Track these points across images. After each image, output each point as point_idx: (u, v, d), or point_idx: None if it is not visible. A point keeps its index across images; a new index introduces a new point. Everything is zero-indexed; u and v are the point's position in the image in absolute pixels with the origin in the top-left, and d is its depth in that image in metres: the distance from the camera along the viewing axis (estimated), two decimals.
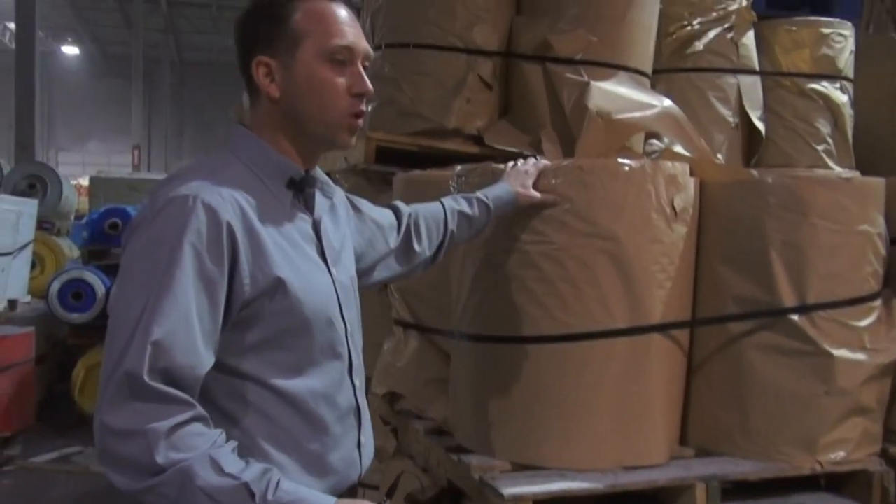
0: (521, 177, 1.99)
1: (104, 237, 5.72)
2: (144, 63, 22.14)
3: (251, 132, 1.41)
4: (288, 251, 1.34)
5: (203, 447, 1.17)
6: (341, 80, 1.37)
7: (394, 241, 1.77)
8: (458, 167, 2.24)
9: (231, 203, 1.28)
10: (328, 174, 3.21)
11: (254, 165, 1.37)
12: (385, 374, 2.50)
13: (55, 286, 5.31)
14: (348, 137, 1.41)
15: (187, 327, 1.20)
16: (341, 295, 1.43)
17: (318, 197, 1.46)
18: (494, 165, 2.13)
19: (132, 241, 1.27)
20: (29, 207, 5.65)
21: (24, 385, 5.05)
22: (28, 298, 6.02)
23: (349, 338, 1.44)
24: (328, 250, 1.44)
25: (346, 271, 1.51)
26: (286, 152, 1.40)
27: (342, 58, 1.37)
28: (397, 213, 1.82)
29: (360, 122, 1.41)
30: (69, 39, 27.19)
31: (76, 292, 5.31)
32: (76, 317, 5.36)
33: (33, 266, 6.62)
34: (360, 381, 1.47)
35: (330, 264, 1.43)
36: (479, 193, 1.94)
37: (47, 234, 7.06)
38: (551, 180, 2.00)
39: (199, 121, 29.23)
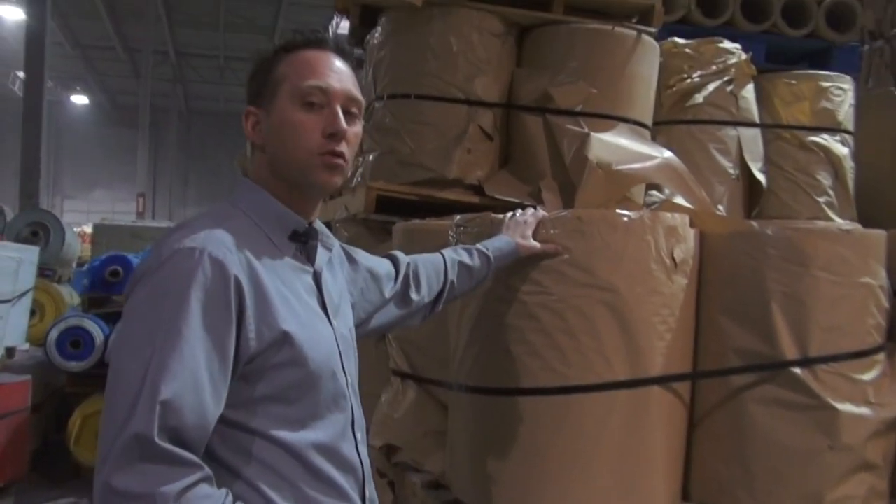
0: (520, 227, 1.99)
1: (105, 285, 5.70)
2: (152, 112, 22.39)
3: (254, 184, 1.42)
4: (293, 304, 1.33)
5: None
6: (314, 121, 1.37)
7: (389, 290, 1.76)
8: (458, 217, 2.24)
9: (237, 256, 1.27)
10: (328, 223, 3.22)
11: (257, 217, 1.38)
12: (382, 426, 2.47)
13: (53, 334, 5.27)
14: (326, 176, 1.38)
15: (196, 385, 1.19)
16: (342, 346, 1.43)
17: (320, 249, 1.46)
18: (493, 215, 2.12)
19: (136, 292, 1.26)
20: (30, 255, 5.64)
21: (19, 434, 4.98)
22: (26, 346, 5.98)
23: (350, 390, 1.44)
24: (329, 302, 1.44)
25: (346, 323, 1.51)
26: (286, 202, 1.40)
27: (316, 100, 1.37)
28: (395, 262, 1.82)
29: (339, 160, 1.38)
30: (78, 88, 27.51)
31: (74, 340, 5.28)
32: (74, 365, 5.31)
33: (33, 313, 6.58)
34: (361, 435, 1.46)
35: (331, 316, 1.43)
36: (479, 245, 1.94)
37: (48, 282, 7.04)
38: (550, 230, 1.99)
39: (204, 169, 29.45)
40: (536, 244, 1.97)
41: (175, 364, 1.17)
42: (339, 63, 1.42)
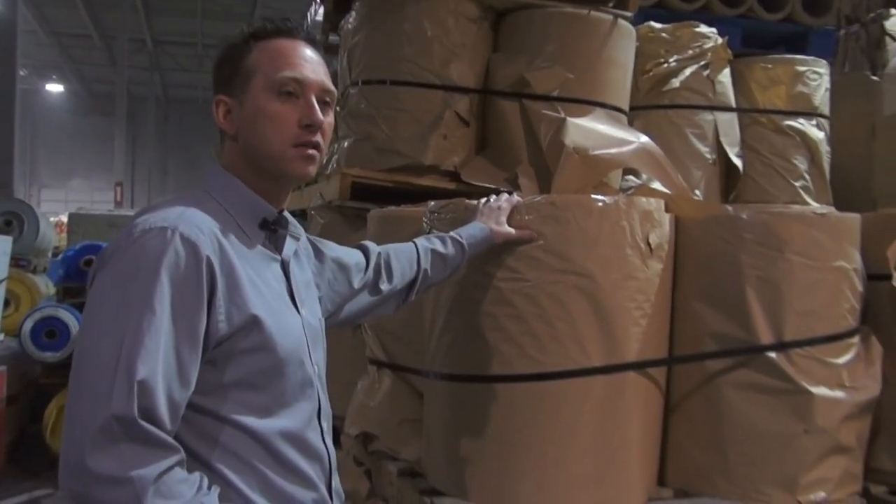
0: (494, 213, 1.97)
1: (80, 274, 5.65)
2: (129, 100, 22.18)
3: (225, 172, 1.41)
4: (262, 290, 1.33)
5: (189, 494, 1.16)
6: (289, 112, 1.36)
7: (359, 281, 1.75)
8: (431, 203, 2.22)
9: (210, 237, 1.27)
10: (303, 211, 3.19)
11: (227, 204, 1.37)
12: (358, 415, 2.45)
13: (28, 324, 5.22)
14: (302, 167, 1.38)
15: (167, 367, 1.18)
16: (309, 335, 1.43)
17: (288, 238, 1.46)
18: (467, 201, 2.10)
19: (103, 273, 1.23)
20: (3, 245, 5.57)
21: None
22: (1, 337, 5.92)
23: (317, 379, 1.44)
24: (296, 291, 1.44)
25: (314, 313, 1.51)
26: (257, 191, 1.40)
27: (291, 90, 1.37)
28: (365, 252, 1.80)
29: (314, 151, 1.38)
30: (53, 77, 27.19)
31: (49, 330, 5.23)
32: (49, 355, 5.27)
33: (7, 304, 6.51)
34: (327, 425, 1.46)
35: (299, 305, 1.43)
36: (452, 233, 1.92)
37: (23, 272, 6.96)
38: (524, 216, 1.97)
39: (182, 158, 29.21)
40: (511, 230, 1.95)
41: (150, 343, 1.16)
42: (310, 52, 1.42)
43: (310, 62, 1.40)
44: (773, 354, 2.01)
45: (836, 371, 2.05)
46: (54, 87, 27.92)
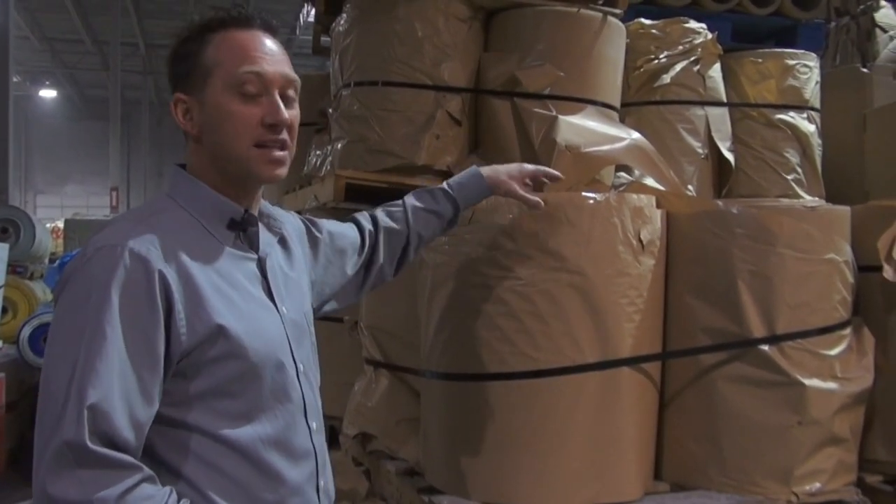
0: (509, 170, 1.85)
1: None
2: (122, 105, 22.13)
3: (188, 175, 1.37)
4: (230, 295, 1.29)
5: None
6: (252, 111, 1.31)
7: (355, 263, 1.71)
8: None
9: (164, 250, 1.23)
10: (299, 213, 3.20)
11: (192, 208, 1.34)
12: (356, 415, 2.46)
13: (26, 331, 5.23)
14: (269, 170, 1.34)
15: (124, 385, 1.15)
16: (291, 333, 1.38)
17: (264, 233, 1.42)
18: None
19: (63, 294, 1.22)
20: None
21: None
22: None
23: (301, 378, 1.38)
24: (275, 288, 1.39)
25: (298, 307, 1.45)
26: (223, 192, 1.36)
27: (253, 87, 1.31)
28: (360, 229, 1.75)
29: (280, 153, 1.34)
30: (47, 83, 27.15)
31: (47, 337, 5.23)
32: None
33: (5, 311, 6.52)
34: (316, 423, 1.41)
35: (278, 303, 1.38)
36: (443, 184, 1.84)
37: (20, 279, 6.97)
38: (516, 214, 1.99)
39: (177, 161, 29.13)
40: (518, 189, 1.83)
41: (101, 366, 1.14)
42: (269, 42, 1.36)
43: (270, 54, 1.34)
44: (765, 347, 2.03)
45: (828, 363, 2.07)
46: (48, 93, 27.88)
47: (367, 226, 1.76)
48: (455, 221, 1.86)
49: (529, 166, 1.89)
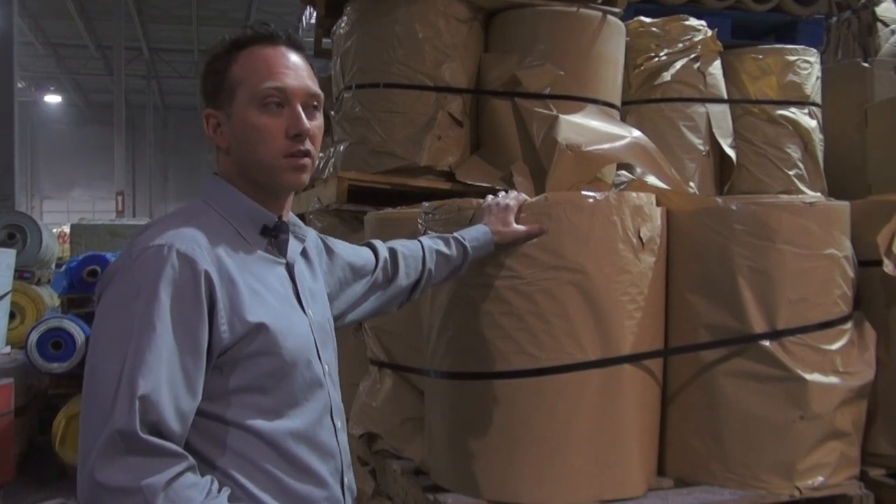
0: (501, 213, 1.97)
1: (83, 285, 5.67)
2: (127, 109, 22.22)
3: (223, 182, 1.44)
4: (264, 296, 1.36)
5: (199, 498, 1.19)
6: (275, 123, 1.37)
7: (368, 282, 1.78)
8: (426, 204, 2.24)
9: (207, 251, 1.30)
10: (301, 215, 3.22)
11: (227, 214, 1.40)
12: (362, 415, 2.48)
13: (34, 336, 5.25)
14: (294, 177, 1.41)
15: (171, 378, 1.21)
16: (318, 336, 1.45)
17: (292, 241, 1.48)
18: (461, 202, 2.13)
19: (108, 291, 1.28)
20: (6, 258, 5.61)
21: (4, 438, 4.97)
22: (7, 349, 5.95)
23: (328, 378, 1.46)
24: (303, 293, 1.46)
25: (323, 312, 1.53)
26: (255, 199, 1.42)
27: (276, 100, 1.38)
28: (375, 252, 1.83)
29: (305, 161, 1.40)
30: (51, 88, 27.23)
31: (55, 341, 5.25)
32: (56, 366, 5.29)
33: (13, 316, 6.55)
34: (340, 422, 1.48)
35: (305, 306, 1.45)
36: (456, 234, 1.93)
37: (27, 284, 7.00)
38: (519, 214, 2.00)
39: (182, 164, 29.27)
40: (520, 228, 1.95)
41: (151, 358, 1.20)
42: (294, 57, 1.42)
43: (292, 69, 1.40)
44: (766, 343, 2.04)
45: (829, 357, 2.08)
46: (52, 98, 27.95)
47: (384, 252, 1.84)
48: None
49: (513, 203, 1.99)
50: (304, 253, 1.54)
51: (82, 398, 1.25)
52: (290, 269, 1.46)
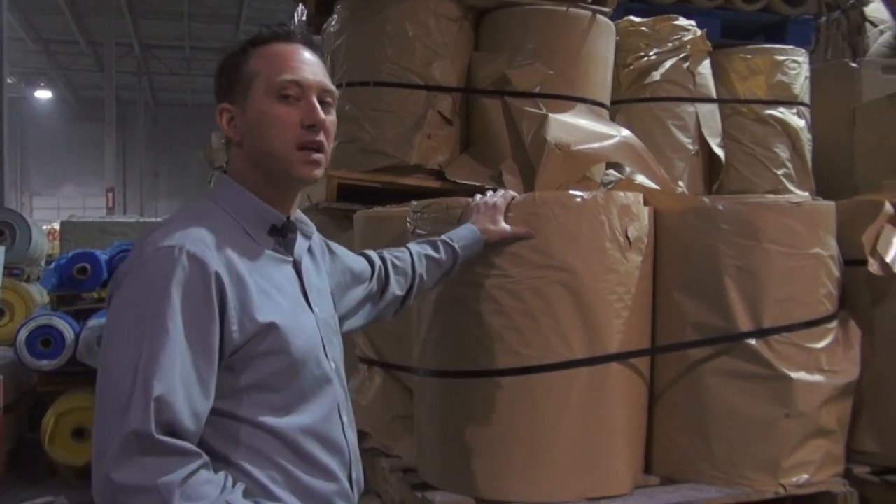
0: (490, 212, 1.99)
1: (73, 282, 5.64)
2: (118, 105, 22.13)
3: (232, 180, 1.44)
4: (273, 295, 1.37)
5: (215, 493, 1.22)
6: (291, 114, 1.39)
7: (366, 287, 1.81)
8: (414, 203, 2.25)
9: (217, 252, 1.31)
10: None
11: (236, 213, 1.41)
12: None
13: (23, 333, 5.21)
14: (307, 169, 1.41)
15: (185, 378, 1.23)
16: (324, 332, 1.47)
17: (299, 238, 1.49)
18: (449, 200, 2.14)
19: (119, 293, 1.29)
20: None
21: None
22: None
23: (335, 374, 1.48)
24: (310, 290, 1.48)
25: (328, 309, 1.55)
26: (264, 197, 1.43)
27: (292, 93, 1.39)
28: (370, 261, 1.85)
29: (318, 156, 1.41)
30: (41, 84, 27.08)
31: (45, 339, 5.22)
32: (45, 364, 5.26)
33: (2, 313, 6.53)
34: (347, 418, 1.50)
35: (312, 304, 1.47)
36: (444, 236, 1.95)
37: (16, 281, 6.97)
38: (507, 213, 2.01)
39: (173, 161, 29.15)
40: (507, 227, 1.98)
41: (164, 360, 1.22)
42: (308, 55, 1.44)
43: (308, 64, 1.42)
44: (752, 341, 2.05)
45: (815, 356, 2.10)
46: (43, 94, 27.81)
47: (377, 260, 1.86)
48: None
49: (501, 201, 2.00)
50: (310, 250, 1.55)
51: (96, 398, 1.26)
52: (297, 266, 1.47)
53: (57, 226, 11.97)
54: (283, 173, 1.41)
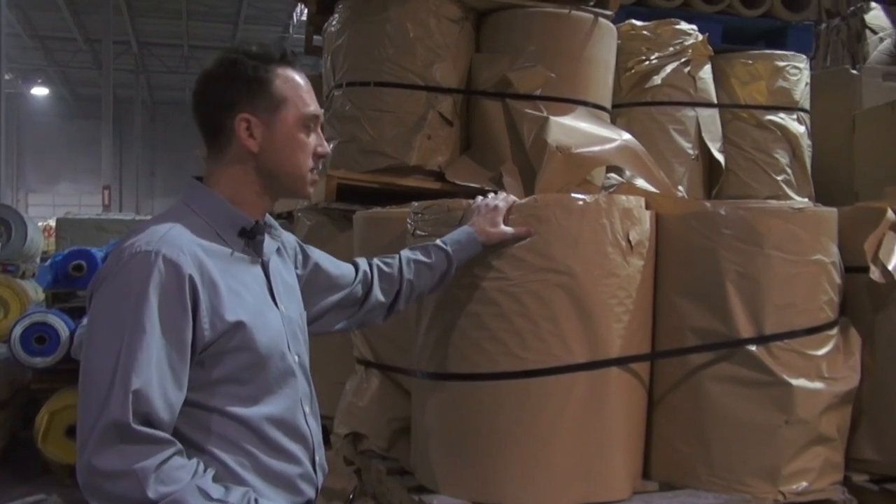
0: (490, 213, 1.99)
1: (68, 279, 5.63)
2: (115, 103, 22.07)
3: (202, 186, 1.56)
4: (242, 294, 1.49)
5: (187, 478, 1.33)
6: (310, 142, 1.58)
7: (345, 293, 1.88)
8: (415, 204, 2.24)
9: (191, 256, 1.42)
10: (290, 213, 3.22)
11: (208, 217, 1.52)
12: (347, 415, 2.47)
13: (17, 330, 5.20)
14: (310, 189, 1.61)
15: (161, 374, 1.35)
16: (288, 329, 1.59)
17: (267, 240, 1.61)
18: (450, 202, 2.13)
19: (100, 294, 1.41)
20: None
21: None
22: None
23: (299, 367, 1.60)
24: (276, 288, 1.59)
25: (296, 307, 1.67)
26: (243, 202, 1.55)
27: (311, 123, 1.58)
28: (356, 266, 1.93)
29: (317, 176, 1.62)
30: (39, 81, 27.05)
31: (39, 336, 5.21)
32: (39, 361, 5.25)
33: None
34: (309, 407, 1.62)
35: (278, 302, 1.58)
36: (438, 241, 1.98)
37: (11, 278, 6.95)
38: (508, 216, 2.00)
39: (170, 160, 29.11)
40: (507, 229, 1.98)
41: (142, 356, 1.33)
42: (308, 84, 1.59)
43: (313, 95, 1.59)
44: (753, 348, 2.04)
45: (815, 363, 2.09)
46: (40, 91, 27.77)
47: (364, 266, 1.95)
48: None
49: (502, 204, 2.01)
50: (278, 250, 1.66)
51: (79, 392, 1.36)
52: (265, 266, 1.59)
53: (53, 223, 11.94)
54: (295, 190, 1.59)
